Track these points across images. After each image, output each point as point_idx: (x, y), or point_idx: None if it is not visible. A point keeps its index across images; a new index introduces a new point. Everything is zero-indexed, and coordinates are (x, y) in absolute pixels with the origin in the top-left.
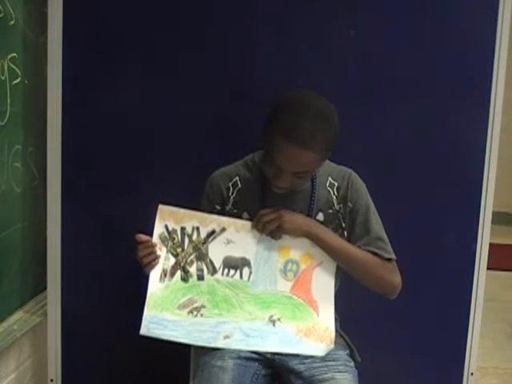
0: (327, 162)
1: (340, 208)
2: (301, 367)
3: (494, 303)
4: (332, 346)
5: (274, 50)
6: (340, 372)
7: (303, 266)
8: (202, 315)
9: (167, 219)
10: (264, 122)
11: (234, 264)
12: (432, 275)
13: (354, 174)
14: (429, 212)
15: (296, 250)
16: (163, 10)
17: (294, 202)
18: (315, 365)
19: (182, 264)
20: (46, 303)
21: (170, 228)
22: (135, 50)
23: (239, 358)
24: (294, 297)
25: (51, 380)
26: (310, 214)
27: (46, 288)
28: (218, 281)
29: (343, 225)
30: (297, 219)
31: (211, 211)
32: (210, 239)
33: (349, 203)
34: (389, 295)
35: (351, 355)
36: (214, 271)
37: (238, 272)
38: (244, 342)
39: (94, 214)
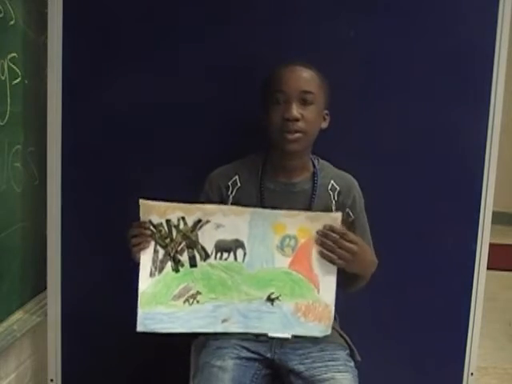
0: (330, 166)
1: None
2: (301, 367)
3: (494, 303)
4: (330, 328)
5: (274, 50)
6: (340, 372)
7: (302, 240)
8: (198, 302)
9: (150, 213)
10: (260, 89)
11: (227, 247)
12: (432, 275)
13: (357, 183)
14: (429, 212)
15: (292, 225)
16: (163, 10)
17: (294, 202)
18: (315, 365)
19: (172, 254)
20: (46, 303)
21: (154, 222)
22: (135, 49)
23: (239, 358)
24: (294, 272)
25: (51, 380)
26: None
27: (45, 288)
28: (211, 265)
29: None
30: (365, 263)
31: None
32: (197, 227)
33: (350, 213)
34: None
35: (351, 355)
36: (206, 256)
37: (232, 254)
38: (242, 324)
39: (94, 214)
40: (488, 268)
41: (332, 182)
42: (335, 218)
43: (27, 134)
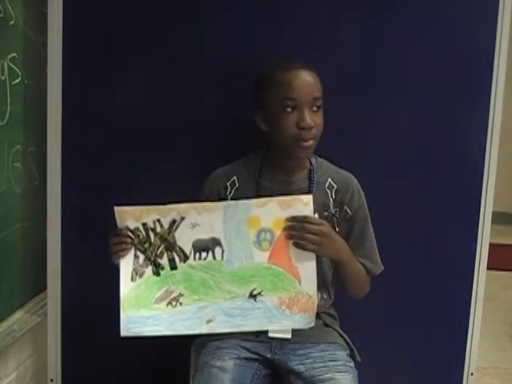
0: (328, 164)
1: (336, 212)
2: (301, 367)
3: (494, 303)
4: (314, 319)
5: (274, 50)
6: (340, 372)
7: (278, 232)
8: (181, 304)
9: (126, 219)
10: (257, 90)
11: (205, 246)
12: (432, 275)
13: (357, 182)
14: (429, 212)
15: (266, 218)
16: (163, 10)
17: None
18: (315, 365)
19: (152, 258)
20: (46, 303)
21: (131, 227)
22: (135, 49)
23: (239, 358)
24: (273, 266)
25: (51, 380)
26: None
27: (45, 288)
28: (191, 266)
29: (336, 229)
30: (336, 244)
31: None
32: (173, 228)
33: (347, 210)
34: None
35: (351, 355)
36: (185, 258)
37: (210, 253)
38: (227, 323)
39: (94, 214)
40: (488, 268)
41: (329, 179)
42: (305, 201)
43: (27, 134)
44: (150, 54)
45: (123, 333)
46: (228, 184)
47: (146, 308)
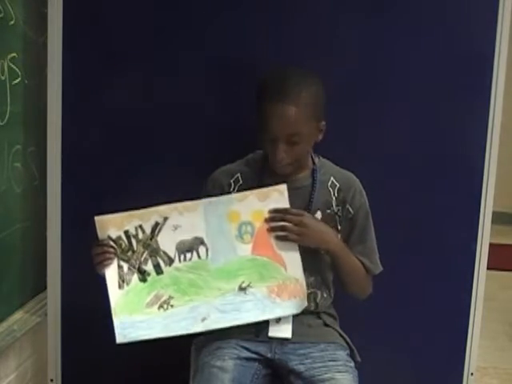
0: (330, 163)
1: (338, 210)
2: (301, 367)
3: (494, 303)
4: (305, 301)
5: (274, 49)
6: (340, 372)
7: (258, 224)
8: (172, 306)
9: (107, 228)
10: (255, 95)
11: (188, 247)
12: (432, 275)
13: (359, 182)
14: (429, 212)
15: (245, 211)
16: (163, 10)
17: (294, 198)
18: (315, 365)
19: (136, 266)
20: (46, 303)
21: (113, 236)
22: (135, 49)
23: (239, 358)
24: (258, 257)
25: (51, 380)
26: (308, 211)
27: (45, 288)
28: (177, 269)
29: (339, 227)
30: (319, 233)
31: None
32: (156, 232)
33: (349, 209)
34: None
35: (351, 355)
36: (170, 261)
37: (195, 253)
38: (222, 319)
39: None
40: (488, 268)
41: (332, 178)
42: (281, 190)
43: (27, 134)
44: (150, 54)
45: (119, 339)
46: (232, 181)
47: (138, 312)
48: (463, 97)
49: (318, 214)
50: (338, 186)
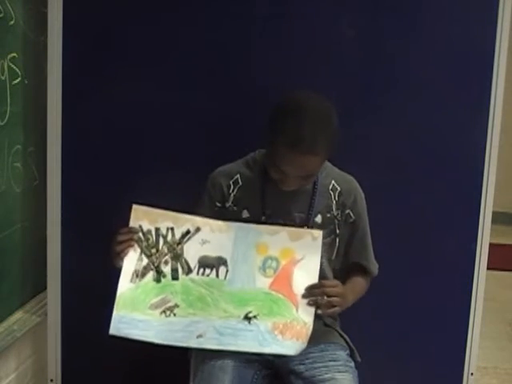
0: (331, 166)
1: (338, 214)
2: (301, 368)
3: (494, 303)
4: (305, 346)
5: (274, 49)
6: (340, 372)
7: (283, 262)
8: (175, 315)
9: (141, 219)
10: (267, 129)
11: (210, 263)
12: (432, 275)
13: (359, 186)
14: (429, 212)
15: (274, 246)
16: (163, 10)
17: (295, 201)
18: (315, 365)
19: (155, 264)
20: (46, 303)
21: (144, 228)
22: (135, 49)
23: (239, 358)
24: (273, 292)
25: (51, 380)
26: (309, 215)
27: (45, 288)
28: (193, 280)
29: (337, 231)
30: (349, 300)
31: (212, 209)
32: (184, 240)
33: (350, 214)
34: None
35: (351, 355)
36: (189, 271)
37: (214, 271)
38: (217, 340)
39: (94, 214)
40: (488, 268)
41: (333, 182)
42: (316, 235)
43: (27, 134)
44: (150, 54)
45: (112, 331)
46: (231, 182)
47: (139, 311)
48: (463, 97)
49: (319, 218)
50: (338, 189)
